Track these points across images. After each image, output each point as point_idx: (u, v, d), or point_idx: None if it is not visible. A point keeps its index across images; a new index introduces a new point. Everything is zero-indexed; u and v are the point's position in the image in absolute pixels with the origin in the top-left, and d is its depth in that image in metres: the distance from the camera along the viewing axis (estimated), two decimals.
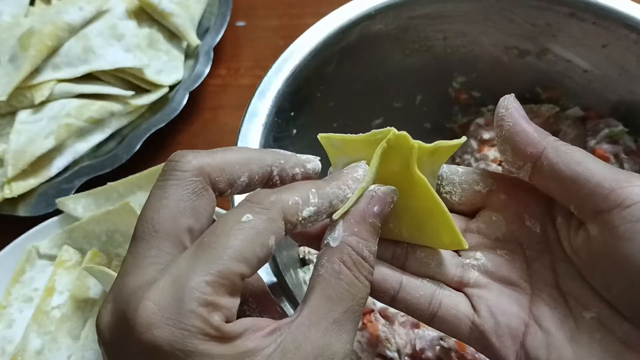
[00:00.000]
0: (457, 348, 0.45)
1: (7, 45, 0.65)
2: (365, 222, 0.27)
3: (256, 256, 0.25)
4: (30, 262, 0.57)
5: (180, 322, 0.23)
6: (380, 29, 0.50)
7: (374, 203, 0.28)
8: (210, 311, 0.23)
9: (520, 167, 0.29)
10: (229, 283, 0.24)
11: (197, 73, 0.69)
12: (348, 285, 0.26)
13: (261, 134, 0.43)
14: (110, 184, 0.59)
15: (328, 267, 0.26)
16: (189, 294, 0.23)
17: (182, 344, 0.23)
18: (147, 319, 0.23)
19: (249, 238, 0.25)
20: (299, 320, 0.25)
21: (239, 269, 0.24)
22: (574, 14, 0.48)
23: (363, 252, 0.27)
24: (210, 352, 0.23)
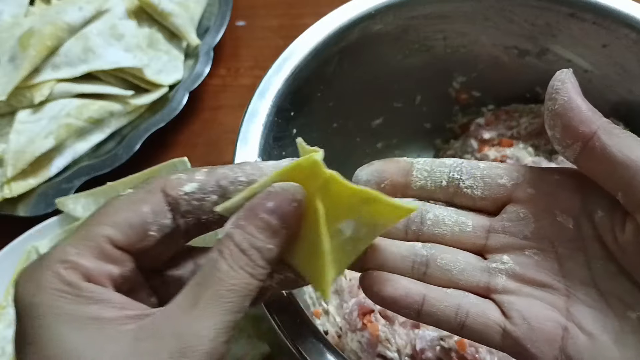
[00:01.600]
0: (457, 348, 0.45)
1: (7, 45, 0.65)
2: (255, 216, 0.25)
3: (125, 221, 0.26)
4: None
5: (36, 278, 0.24)
6: (380, 29, 0.50)
7: (268, 198, 0.26)
8: (67, 268, 0.24)
9: (568, 146, 0.27)
10: (94, 245, 0.25)
11: (197, 73, 0.69)
12: (219, 271, 0.24)
13: (261, 134, 0.43)
14: (110, 184, 0.59)
15: (208, 258, 0.25)
16: (50, 255, 0.25)
17: (32, 295, 0.24)
18: (18, 279, 0.25)
19: (120, 205, 0.26)
20: (165, 308, 0.25)
21: (104, 231, 0.25)
22: (574, 13, 0.48)
23: (242, 245, 0.25)
24: (59, 307, 0.24)
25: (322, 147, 0.30)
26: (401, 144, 0.60)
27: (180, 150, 0.68)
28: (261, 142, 0.43)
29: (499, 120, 0.56)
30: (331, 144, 0.54)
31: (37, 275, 0.25)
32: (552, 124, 0.28)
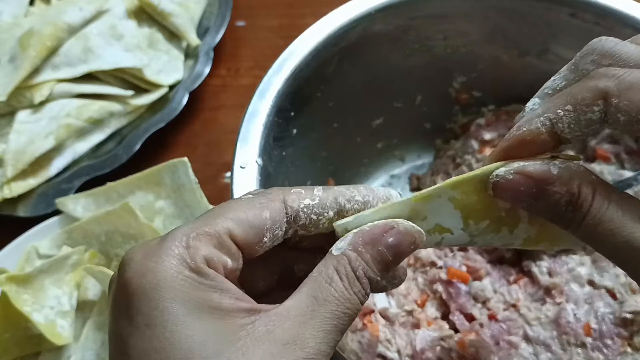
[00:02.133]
0: (457, 348, 0.44)
1: (7, 45, 0.65)
2: (374, 246, 0.26)
3: (247, 220, 0.26)
4: (30, 263, 0.57)
5: (155, 255, 0.24)
6: (380, 29, 0.50)
7: (391, 234, 0.27)
8: (190, 251, 0.25)
9: None
10: (214, 234, 0.25)
11: (197, 73, 0.69)
12: (336, 291, 0.25)
13: (261, 134, 0.43)
14: (110, 184, 0.59)
15: (322, 271, 0.26)
16: (172, 236, 0.25)
17: (153, 274, 0.24)
18: (129, 255, 0.25)
19: (243, 204, 0.27)
20: (278, 309, 0.25)
21: (227, 224, 0.26)
22: (575, 13, 0.48)
23: (357, 271, 0.26)
24: (183, 292, 0.24)
25: (322, 147, 0.30)
26: (401, 144, 0.60)
27: (180, 151, 0.68)
28: (261, 142, 0.43)
29: (499, 121, 0.56)
30: (331, 144, 0.54)
31: (158, 254, 0.24)
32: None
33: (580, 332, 0.43)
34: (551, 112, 0.27)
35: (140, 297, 0.24)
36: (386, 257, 0.27)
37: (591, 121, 0.26)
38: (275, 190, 0.28)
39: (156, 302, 0.23)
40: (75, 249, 0.55)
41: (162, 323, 0.23)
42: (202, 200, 0.56)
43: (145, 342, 0.23)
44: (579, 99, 0.26)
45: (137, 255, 0.25)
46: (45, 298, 0.53)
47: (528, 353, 0.44)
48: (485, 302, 0.47)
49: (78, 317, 0.54)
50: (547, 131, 0.27)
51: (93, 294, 0.54)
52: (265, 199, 0.27)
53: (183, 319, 0.23)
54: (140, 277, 0.24)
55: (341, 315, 0.25)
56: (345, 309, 0.25)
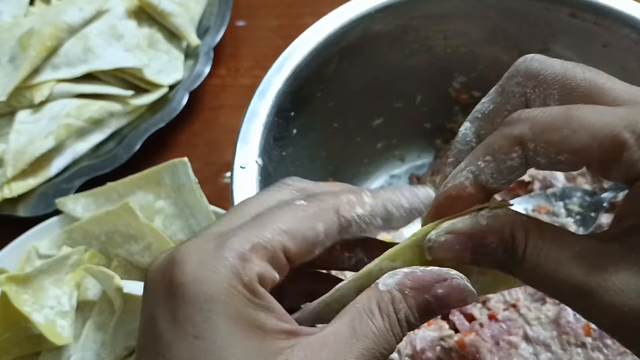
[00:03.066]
0: (457, 348, 0.44)
1: (7, 45, 0.65)
2: (421, 293, 0.25)
3: (302, 234, 0.26)
4: (30, 263, 0.57)
5: (212, 265, 0.24)
6: (380, 29, 0.50)
7: (442, 286, 0.26)
8: (245, 265, 0.24)
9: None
10: (269, 249, 0.25)
11: (197, 73, 0.69)
12: (376, 328, 0.25)
13: (261, 134, 0.43)
14: (110, 184, 0.59)
15: (365, 304, 0.25)
16: (229, 245, 0.24)
17: (208, 285, 0.23)
18: (182, 257, 0.24)
19: (298, 216, 0.26)
20: (317, 336, 0.25)
21: (281, 239, 0.25)
22: (575, 13, 0.48)
23: (399, 314, 0.25)
24: (234, 307, 0.23)
25: (322, 147, 0.30)
26: (401, 144, 0.60)
27: (180, 151, 0.68)
28: (261, 142, 0.43)
29: None
30: (331, 144, 0.54)
31: (214, 264, 0.24)
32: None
33: (580, 332, 0.43)
34: (472, 165, 0.27)
35: (194, 306, 0.23)
36: (430, 307, 0.26)
37: (512, 168, 0.26)
38: (327, 196, 0.27)
39: (208, 314, 0.23)
40: (75, 249, 0.55)
41: (211, 337, 0.23)
42: (202, 200, 0.56)
43: (191, 352, 0.23)
44: (496, 148, 0.26)
45: (192, 259, 0.24)
46: (45, 298, 0.53)
47: (528, 353, 0.44)
48: (485, 302, 0.47)
49: (78, 317, 0.54)
50: (472, 184, 0.27)
51: (93, 294, 0.54)
52: (319, 207, 0.27)
53: (229, 336, 0.23)
54: (194, 285, 0.24)
55: (377, 354, 0.25)
56: (382, 348, 0.25)
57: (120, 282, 0.50)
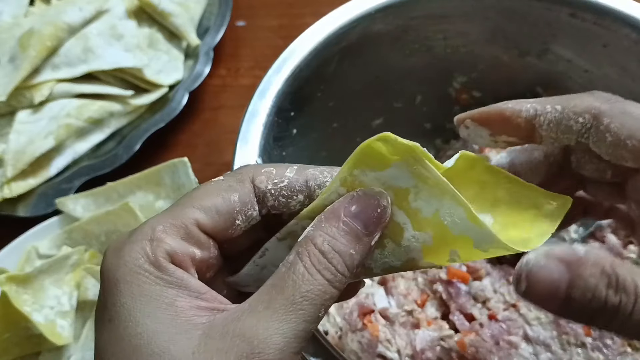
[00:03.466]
0: (457, 348, 0.44)
1: (7, 45, 0.65)
2: (337, 219, 0.25)
3: (214, 206, 0.26)
4: (30, 263, 0.57)
5: (121, 252, 0.25)
6: (380, 29, 0.50)
7: (352, 202, 0.25)
8: (153, 244, 0.25)
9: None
10: (180, 225, 0.25)
11: (197, 73, 0.69)
12: (294, 274, 0.24)
13: (261, 134, 0.43)
14: (110, 184, 0.59)
15: (285, 260, 0.25)
16: (139, 229, 0.25)
17: (115, 269, 0.24)
18: (106, 249, 0.26)
19: (210, 190, 0.26)
20: (239, 306, 0.24)
21: (192, 214, 0.25)
22: (575, 13, 0.48)
23: (322, 247, 0.24)
24: (139, 286, 0.24)
25: (322, 147, 0.30)
26: None
27: (180, 150, 0.68)
28: (261, 142, 0.43)
29: None
30: (331, 144, 0.54)
31: (123, 249, 0.25)
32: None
33: (580, 332, 0.43)
34: (540, 104, 0.27)
35: (106, 290, 0.24)
36: (354, 227, 0.25)
37: (569, 129, 0.26)
38: (246, 169, 0.27)
39: (116, 297, 0.24)
40: (75, 249, 0.55)
41: (118, 318, 0.23)
42: None
43: (105, 335, 0.24)
44: (571, 104, 0.26)
45: (109, 249, 0.26)
46: (45, 298, 0.53)
47: (528, 353, 0.44)
48: (485, 302, 0.47)
49: (78, 317, 0.54)
50: (527, 116, 0.27)
51: (93, 294, 0.54)
52: (234, 179, 0.27)
53: (137, 317, 0.23)
54: (106, 272, 0.25)
55: (299, 300, 0.23)
56: (305, 292, 0.23)
57: None
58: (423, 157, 0.25)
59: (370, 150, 0.26)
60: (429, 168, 0.25)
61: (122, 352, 0.23)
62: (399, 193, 0.26)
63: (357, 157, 0.26)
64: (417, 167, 0.25)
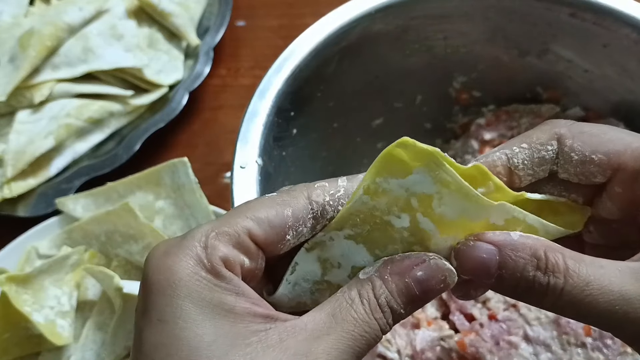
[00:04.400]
0: (457, 348, 0.44)
1: (7, 45, 0.65)
2: (401, 278, 0.26)
3: (267, 219, 0.26)
4: (30, 263, 0.57)
5: (174, 254, 0.25)
6: (380, 29, 0.50)
7: (421, 268, 0.26)
8: (207, 250, 0.25)
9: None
10: (233, 234, 0.25)
11: (197, 73, 0.69)
12: (356, 313, 0.25)
13: (261, 134, 0.43)
14: (110, 184, 0.59)
15: (345, 292, 0.26)
16: (192, 235, 0.25)
17: (170, 272, 0.24)
18: (153, 252, 0.25)
19: (265, 203, 0.27)
20: (296, 321, 0.25)
21: (245, 223, 0.26)
22: (575, 13, 0.48)
23: (380, 299, 0.25)
24: (197, 291, 0.24)
25: (322, 147, 0.30)
26: None
27: (180, 150, 0.68)
28: (261, 142, 0.43)
29: (499, 121, 0.56)
30: (331, 144, 0.54)
31: (176, 253, 0.25)
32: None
33: (580, 332, 0.43)
34: (507, 149, 0.28)
35: (156, 292, 0.24)
36: (412, 291, 0.26)
37: (544, 160, 0.27)
38: (300, 186, 0.28)
39: (170, 298, 0.24)
40: (75, 249, 0.55)
41: (173, 319, 0.23)
42: (202, 200, 0.56)
43: (157, 336, 0.24)
44: (534, 139, 0.28)
45: (158, 253, 0.25)
46: (45, 298, 0.53)
47: (528, 353, 0.44)
48: (485, 302, 0.47)
49: (78, 317, 0.54)
50: (502, 164, 0.28)
51: (93, 294, 0.54)
52: (289, 196, 0.27)
53: (195, 317, 0.23)
54: (157, 273, 0.24)
55: (358, 337, 0.25)
56: (363, 331, 0.25)
57: (120, 282, 0.50)
58: (444, 161, 0.25)
59: (391, 158, 0.26)
60: (450, 172, 0.25)
61: (180, 353, 0.23)
62: (423, 199, 0.26)
63: (379, 164, 0.26)
64: (438, 172, 0.25)
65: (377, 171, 0.26)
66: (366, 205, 0.27)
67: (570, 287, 0.24)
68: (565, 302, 0.24)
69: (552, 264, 0.25)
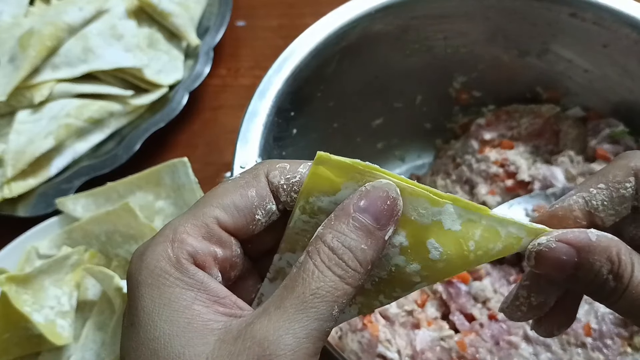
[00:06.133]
0: (457, 348, 0.44)
1: (7, 45, 0.65)
2: (346, 215, 0.24)
3: (233, 203, 0.26)
4: (30, 263, 0.57)
5: (144, 254, 0.25)
6: (380, 29, 0.50)
7: (360, 197, 0.25)
8: (175, 245, 0.25)
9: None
10: (201, 225, 0.25)
11: (197, 73, 0.69)
12: (304, 272, 0.23)
13: (261, 134, 0.43)
14: (110, 184, 0.59)
15: (296, 262, 0.25)
16: (161, 232, 0.25)
17: (137, 273, 0.25)
18: (133, 255, 0.26)
19: (228, 188, 0.26)
20: (254, 311, 0.24)
21: (212, 213, 0.26)
22: (575, 13, 0.48)
23: (332, 243, 0.24)
24: (159, 288, 0.24)
25: (322, 147, 0.30)
26: (401, 144, 0.60)
27: (180, 150, 0.68)
28: (261, 142, 0.43)
29: (499, 121, 0.56)
30: (331, 144, 0.54)
31: (146, 252, 0.25)
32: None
33: (580, 332, 0.43)
34: (584, 191, 0.28)
35: (130, 296, 0.25)
36: (364, 222, 0.24)
37: (624, 198, 0.27)
38: (261, 164, 0.27)
39: (138, 300, 0.24)
40: (75, 249, 0.55)
41: (139, 322, 0.24)
42: None
43: (128, 340, 0.24)
44: (611, 177, 0.27)
45: (135, 255, 0.26)
46: (45, 298, 0.53)
47: (528, 353, 0.44)
48: (485, 302, 0.47)
49: (78, 317, 0.54)
50: (580, 208, 0.27)
51: (93, 294, 0.54)
52: (250, 176, 0.27)
53: (153, 319, 0.24)
54: (130, 276, 0.25)
55: (310, 298, 0.23)
56: (315, 288, 0.23)
57: (120, 282, 0.50)
58: (367, 168, 0.26)
59: (317, 178, 0.26)
60: (377, 175, 0.25)
61: (142, 357, 0.23)
62: None
63: (308, 184, 0.26)
64: (365, 180, 0.26)
65: (308, 191, 0.26)
66: (309, 224, 0.27)
67: (629, 292, 0.25)
68: (622, 305, 0.26)
69: (622, 269, 0.25)
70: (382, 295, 0.27)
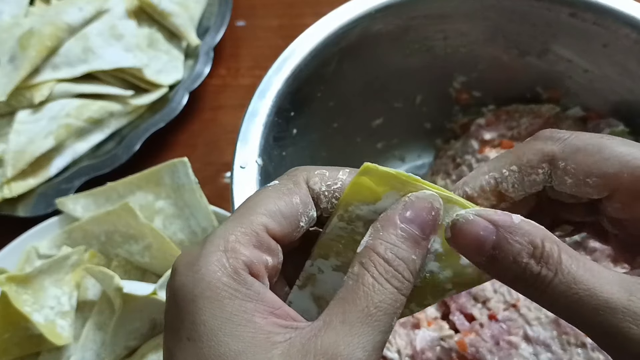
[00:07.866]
0: (457, 348, 0.44)
1: (7, 45, 0.65)
2: (395, 226, 0.25)
3: (279, 211, 0.26)
4: (30, 263, 0.57)
5: (196, 265, 0.24)
6: (380, 29, 0.50)
7: (406, 208, 0.25)
8: (230, 256, 0.24)
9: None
10: (252, 234, 0.25)
11: (197, 73, 0.69)
12: (364, 285, 0.24)
13: (261, 134, 0.43)
14: (110, 184, 0.59)
15: (350, 273, 0.25)
16: (211, 241, 0.25)
17: (192, 286, 0.24)
18: (176, 264, 0.25)
19: (272, 195, 0.26)
20: (313, 324, 0.24)
21: (260, 220, 0.25)
22: (575, 13, 0.48)
23: (386, 255, 0.24)
24: (219, 302, 0.23)
25: (322, 147, 0.30)
26: (401, 144, 0.60)
27: (180, 150, 0.68)
28: (261, 142, 0.43)
29: (499, 121, 0.56)
30: (331, 144, 0.54)
31: (198, 263, 0.24)
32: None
33: (580, 332, 0.43)
34: (496, 172, 0.27)
35: (183, 309, 0.24)
36: (411, 232, 0.25)
37: (535, 182, 0.27)
38: (299, 171, 0.27)
39: (195, 315, 0.23)
40: (75, 249, 0.55)
41: (200, 337, 0.23)
42: (202, 200, 0.56)
43: (187, 356, 0.23)
44: (525, 161, 0.27)
45: (181, 264, 0.25)
46: (45, 298, 0.53)
47: (528, 353, 0.44)
48: (485, 302, 0.47)
49: (78, 317, 0.54)
50: (491, 189, 0.27)
51: (93, 294, 0.54)
52: (291, 183, 0.27)
53: (217, 334, 0.23)
54: (182, 288, 0.24)
55: (375, 312, 0.23)
56: (378, 303, 0.23)
57: (120, 282, 0.50)
58: (409, 179, 0.26)
59: (359, 187, 0.26)
60: (418, 186, 0.26)
61: None
62: None
63: (349, 194, 0.27)
64: (407, 190, 0.26)
65: (349, 199, 0.27)
66: (345, 230, 0.27)
67: (559, 281, 0.23)
68: (551, 297, 0.24)
69: (547, 254, 0.23)
70: (414, 304, 0.28)
